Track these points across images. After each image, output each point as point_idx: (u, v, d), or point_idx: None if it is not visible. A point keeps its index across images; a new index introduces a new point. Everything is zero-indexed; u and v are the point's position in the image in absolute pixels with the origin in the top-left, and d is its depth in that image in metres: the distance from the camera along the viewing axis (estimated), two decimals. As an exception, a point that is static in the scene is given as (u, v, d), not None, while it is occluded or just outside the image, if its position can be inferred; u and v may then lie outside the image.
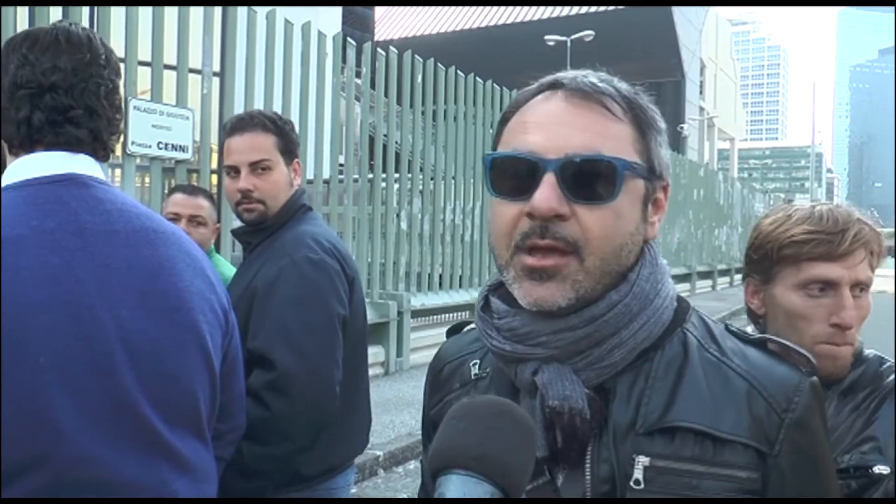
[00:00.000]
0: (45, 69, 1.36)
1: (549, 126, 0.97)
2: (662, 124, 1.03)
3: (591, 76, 1.00)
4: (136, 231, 1.38)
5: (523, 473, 0.83)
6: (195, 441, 1.40)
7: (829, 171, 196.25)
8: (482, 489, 0.80)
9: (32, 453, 1.21)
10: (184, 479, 1.36)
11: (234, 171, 2.21)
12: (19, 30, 4.56)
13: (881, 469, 1.34)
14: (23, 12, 4.91)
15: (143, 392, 1.30)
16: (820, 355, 1.37)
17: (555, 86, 1.01)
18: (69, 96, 1.36)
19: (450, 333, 1.28)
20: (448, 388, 1.16)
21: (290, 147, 2.26)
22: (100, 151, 1.43)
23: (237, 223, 2.29)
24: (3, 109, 1.37)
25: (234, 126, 2.25)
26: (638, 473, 0.92)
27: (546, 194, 0.93)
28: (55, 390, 1.23)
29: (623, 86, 1.01)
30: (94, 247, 1.31)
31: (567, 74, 1.01)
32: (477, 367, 1.13)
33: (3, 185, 1.36)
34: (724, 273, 20.76)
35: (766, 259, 1.49)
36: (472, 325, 1.22)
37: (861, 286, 1.44)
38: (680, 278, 17.84)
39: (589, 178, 0.94)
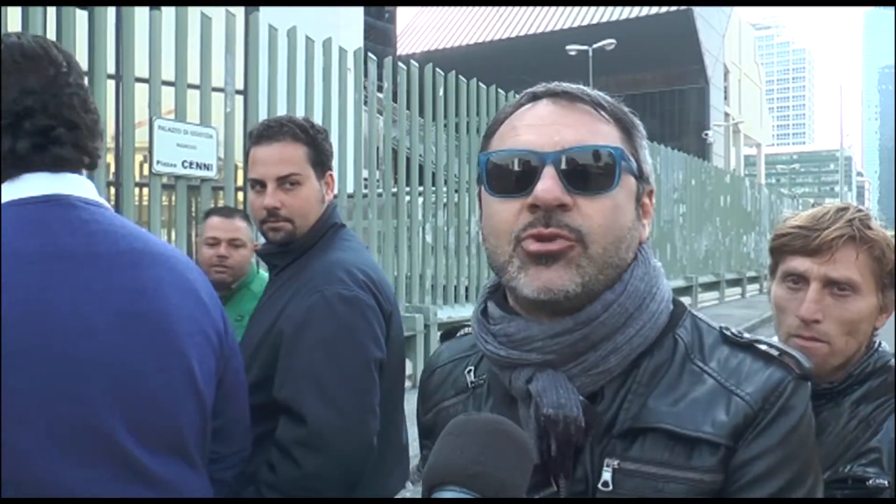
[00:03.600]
0: (14, 97, 1.31)
1: (542, 126, 0.99)
2: (643, 129, 1.06)
3: (572, 85, 1.03)
4: (122, 252, 1.33)
5: (519, 491, 0.83)
6: (180, 465, 1.36)
7: (859, 174, 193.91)
8: None
9: None
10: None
11: (260, 185, 1.99)
12: (11, 29, 4.63)
13: (879, 482, 1.31)
14: (15, 17, 4.97)
15: (120, 416, 1.26)
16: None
17: (537, 96, 1.04)
18: (47, 116, 1.32)
19: (443, 338, 1.28)
20: (441, 395, 1.16)
21: (322, 158, 2.03)
22: (85, 161, 1.38)
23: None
24: None
25: (261, 134, 2.02)
26: (606, 475, 0.94)
27: (549, 185, 0.94)
28: (24, 413, 1.19)
29: (603, 94, 1.04)
30: (74, 269, 1.28)
31: (546, 84, 1.04)
32: (472, 374, 1.12)
33: None
34: (753, 280, 20.52)
35: (770, 255, 1.55)
36: (467, 330, 1.22)
37: (839, 285, 1.43)
38: (708, 286, 17.67)
39: (588, 170, 0.96)
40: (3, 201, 1.31)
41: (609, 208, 0.96)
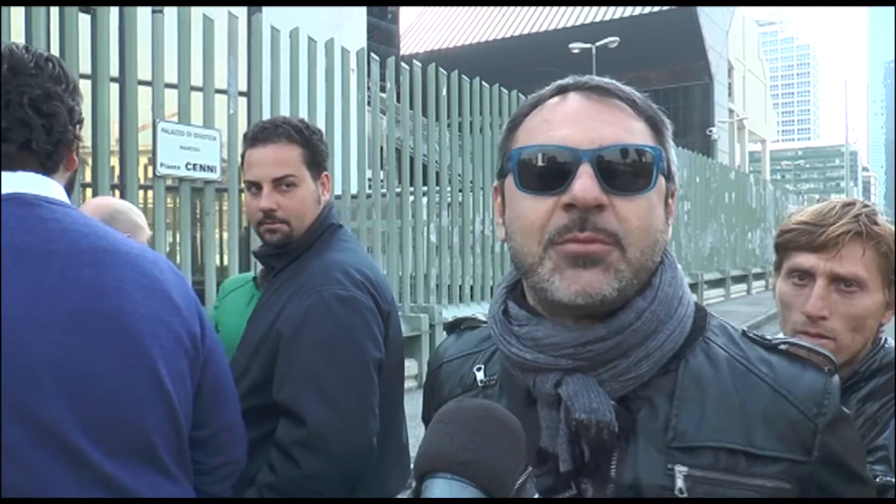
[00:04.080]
0: None
1: (577, 120, 0.95)
2: (671, 127, 1.02)
3: (599, 79, 0.99)
4: (81, 251, 1.31)
5: (511, 477, 0.82)
6: (150, 472, 1.31)
7: (864, 169, 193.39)
8: (468, 493, 0.79)
9: None
10: None
11: (256, 186, 1.99)
12: (13, 34, 4.63)
13: (886, 480, 1.30)
14: (19, 21, 4.97)
15: (75, 418, 1.23)
16: None
17: (565, 88, 1.00)
18: None
19: (448, 330, 1.24)
20: (449, 391, 1.12)
21: (317, 159, 2.03)
22: (46, 163, 1.36)
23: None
24: None
25: (256, 136, 2.02)
26: (680, 482, 0.91)
27: (587, 184, 0.90)
28: None
29: (632, 89, 1.00)
30: (28, 267, 1.26)
31: (576, 77, 1.00)
32: (482, 372, 1.09)
33: None
34: (758, 277, 20.47)
35: (775, 251, 1.54)
36: (470, 324, 1.20)
37: (846, 281, 1.42)
38: (714, 283, 17.63)
39: (625, 169, 0.93)
40: None
41: (645, 209, 0.93)
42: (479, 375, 1.09)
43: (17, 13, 5.24)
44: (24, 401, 1.20)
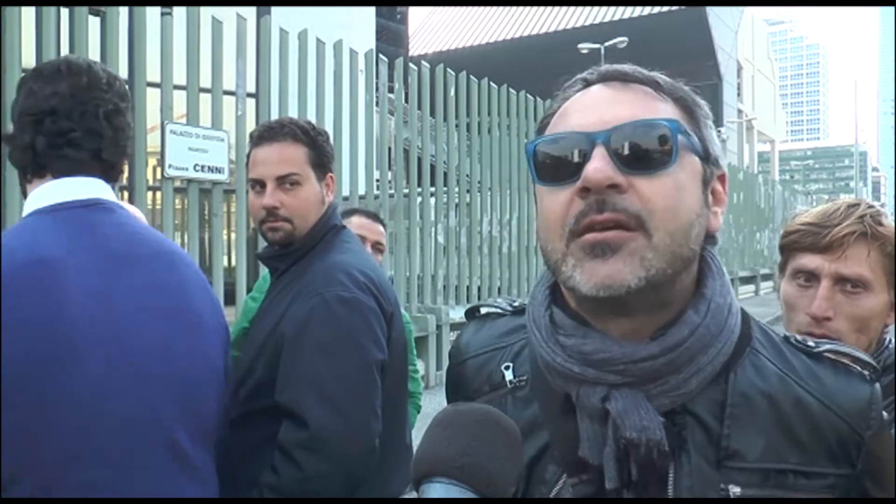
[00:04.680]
0: (45, 96, 1.42)
1: (593, 107, 0.92)
2: (709, 111, 0.97)
3: (622, 66, 0.96)
4: (157, 254, 1.45)
5: (508, 482, 0.82)
6: (207, 454, 1.47)
7: (874, 169, 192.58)
8: (465, 497, 0.79)
9: (61, 467, 1.26)
10: (201, 493, 1.43)
11: (260, 185, 1.99)
12: (24, 35, 4.72)
13: None
14: (29, 24, 5.01)
15: (176, 409, 1.38)
16: None
17: (589, 81, 0.97)
18: (69, 119, 1.42)
19: (468, 316, 1.19)
20: (475, 389, 1.07)
21: (322, 160, 2.02)
22: (109, 172, 1.48)
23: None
24: (14, 137, 1.44)
25: (262, 135, 2.02)
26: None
27: (599, 164, 0.85)
28: (97, 407, 1.28)
29: (660, 73, 0.96)
30: (124, 269, 1.38)
31: (597, 67, 0.97)
32: (510, 371, 1.03)
33: (30, 209, 1.42)
34: (767, 277, 20.39)
35: (780, 252, 1.54)
36: (489, 310, 1.16)
37: (851, 282, 1.42)
38: (723, 284, 17.57)
39: (642, 147, 0.87)
40: (48, 203, 1.40)
41: (670, 188, 0.87)
42: (508, 375, 1.03)
43: (27, 14, 5.26)
44: (140, 393, 1.33)
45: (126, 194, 5.70)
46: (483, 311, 1.16)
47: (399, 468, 1.98)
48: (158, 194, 6.13)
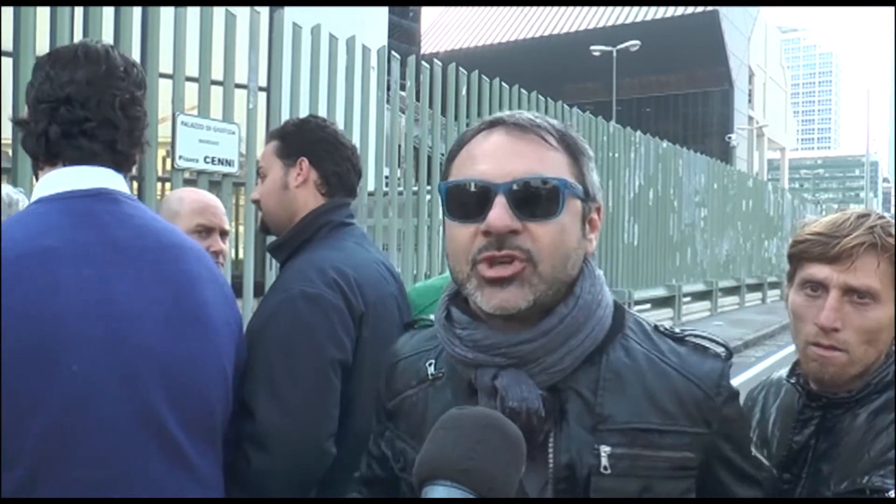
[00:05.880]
0: (62, 83, 1.39)
1: (495, 156, 1.11)
2: (591, 152, 1.18)
3: (525, 114, 1.15)
4: (164, 247, 1.41)
5: (510, 487, 0.84)
6: (210, 453, 1.43)
7: (885, 180, 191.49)
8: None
9: (49, 456, 1.24)
10: (199, 491, 1.38)
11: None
12: (39, 33, 4.73)
13: None
14: (44, 13, 5.02)
15: (168, 405, 1.33)
16: (808, 357, 1.44)
17: (494, 124, 1.15)
18: (84, 108, 1.39)
19: (405, 328, 1.41)
20: (405, 384, 1.27)
21: (288, 150, 2.05)
22: (122, 163, 1.45)
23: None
24: (28, 124, 1.41)
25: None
26: (604, 461, 1.07)
27: (499, 213, 1.06)
28: (84, 399, 1.25)
29: (554, 121, 1.16)
30: (126, 261, 1.35)
31: (505, 113, 1.16)
32: (433, 366, 1.24)
33: (36, 197, 1.40)
34: (774, 286, 20.34)
35: (788, 261, 1.54)
36: (424, 323, 1.35)
37: (859, 293, 1.41)
38: (728, 291, 17.54)
39: (535, 198, 1.08)
40: (53, 192, 1.38)
41: (556, 231, 1.09)
42: (431, 370, 1.24)
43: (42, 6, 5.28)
44: (130, 386, 1.29)
45: (136, 184, 5.71)
46: (417, 325, 1.37)
47: None
48: (168, 185, 6.14)
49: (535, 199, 1.08)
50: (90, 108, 1.39)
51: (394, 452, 1.25)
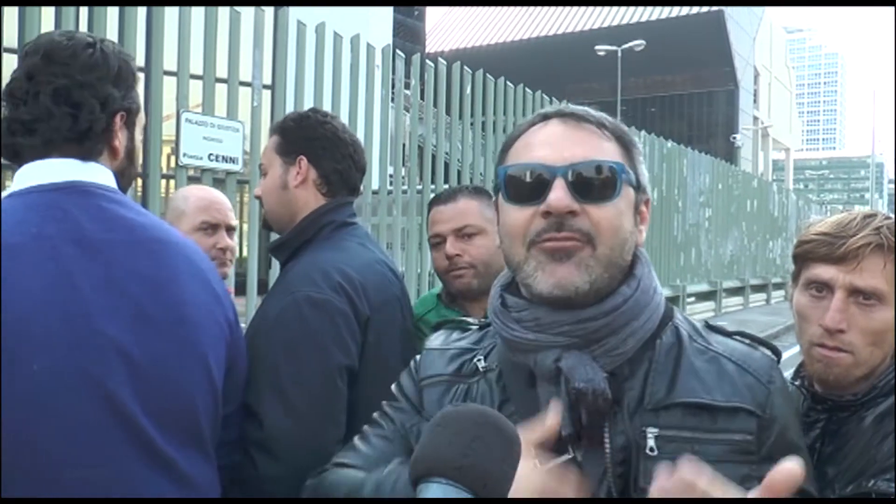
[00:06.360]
0: (10, 79, 1.37)
1: (552, 143, 1.14)
2: (640, 147, 1.21)
3: (578, 107, 1.18)
4: (139, 241, 1.35)
5: (505, 483, 0.84)
6: (196, 454, 1.38)
7: (891, 181, 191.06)
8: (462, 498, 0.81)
9: (15, 459, 1.20)
10: (177, 489, 1.33)
11: None
12: (43, 25, 4.71)
13: None
14: (48, 9, 5.02)
15: (140, 403, 1.28)
16: (813, 358, 1.44)
17: (549, 115, 1.19)
18: (23, 104, 1.35)
19: (434, 329, 1.40)
20: (449, 372, 1.25)
21: (288, 147, 2.01)
22: (87, 153, 1.38)
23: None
24: None
25: None
26: (651, 442, 1.07)
27: (559, 194, 1.08)
28: (47, 398, 1.21)
29: (604, 114, 1.18)
30: (94, 255, 1.29)
31: (556, 106, 1.20)
32: (482, 362, 1.23)
33: (6, 193, 1.36)
34: (778, 286, 20.29)
35: (793, 261, 1.53)
36: (456, 325, 1.36)
37: (865, 294, 1.40)
38: (732, 291, 17.50)
39: (593, 182, 1.10)
40: (23, 186, 1.34)
41: (613, 214, 1.11)
42: (481, 364, 1.23)
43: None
44: (96, 384, 1.25)
45: (140, 182, 5.71)
46: (449, 326, 1.38)
47: None
48: (172, 182, 6.15)
49: (592, 183, 1.10)
50: (27, 103, 1.34)
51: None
